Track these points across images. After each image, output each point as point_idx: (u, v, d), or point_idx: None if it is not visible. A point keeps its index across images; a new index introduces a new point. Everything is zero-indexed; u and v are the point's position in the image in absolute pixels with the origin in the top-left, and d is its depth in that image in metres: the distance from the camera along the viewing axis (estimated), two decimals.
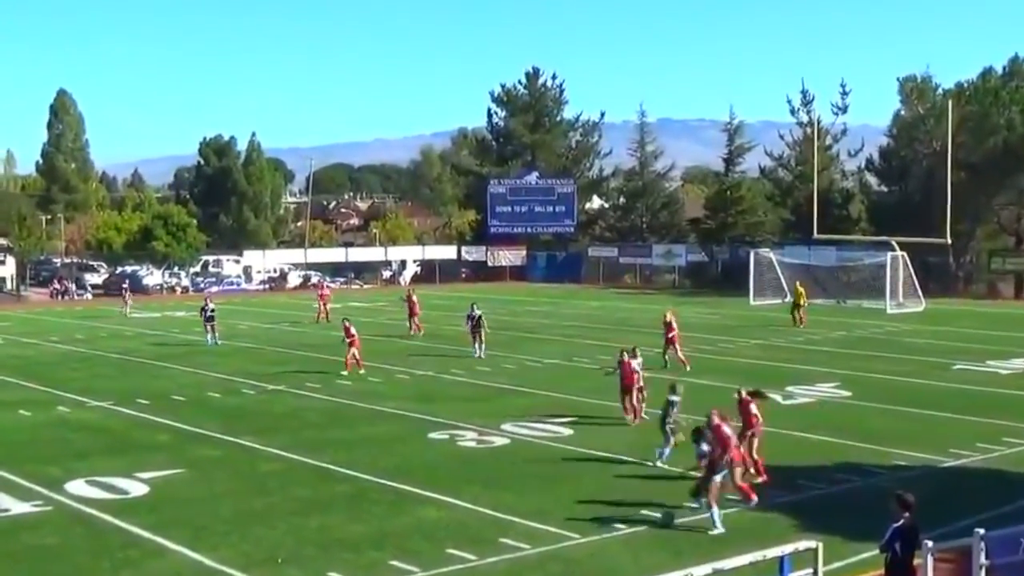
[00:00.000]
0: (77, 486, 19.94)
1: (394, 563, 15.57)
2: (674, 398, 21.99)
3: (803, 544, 12.59)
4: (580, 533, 16.97)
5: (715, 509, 17.17)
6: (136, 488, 19.93)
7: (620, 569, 15.58)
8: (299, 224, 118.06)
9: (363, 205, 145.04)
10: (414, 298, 46.60)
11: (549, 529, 17.16)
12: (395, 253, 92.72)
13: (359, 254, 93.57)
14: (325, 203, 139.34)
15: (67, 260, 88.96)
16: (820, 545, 12.44)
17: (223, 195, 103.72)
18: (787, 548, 12.38)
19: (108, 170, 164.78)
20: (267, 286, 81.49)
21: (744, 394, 20.81)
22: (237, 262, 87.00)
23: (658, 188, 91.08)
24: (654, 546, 16.44)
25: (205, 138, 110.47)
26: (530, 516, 17.78)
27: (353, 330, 34.92)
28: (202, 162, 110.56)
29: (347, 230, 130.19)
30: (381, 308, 58.47)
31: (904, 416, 26.83)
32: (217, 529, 17.36)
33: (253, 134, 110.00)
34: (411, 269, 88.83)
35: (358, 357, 34.55)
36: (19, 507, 18.72)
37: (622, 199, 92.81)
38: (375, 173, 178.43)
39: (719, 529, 16.92)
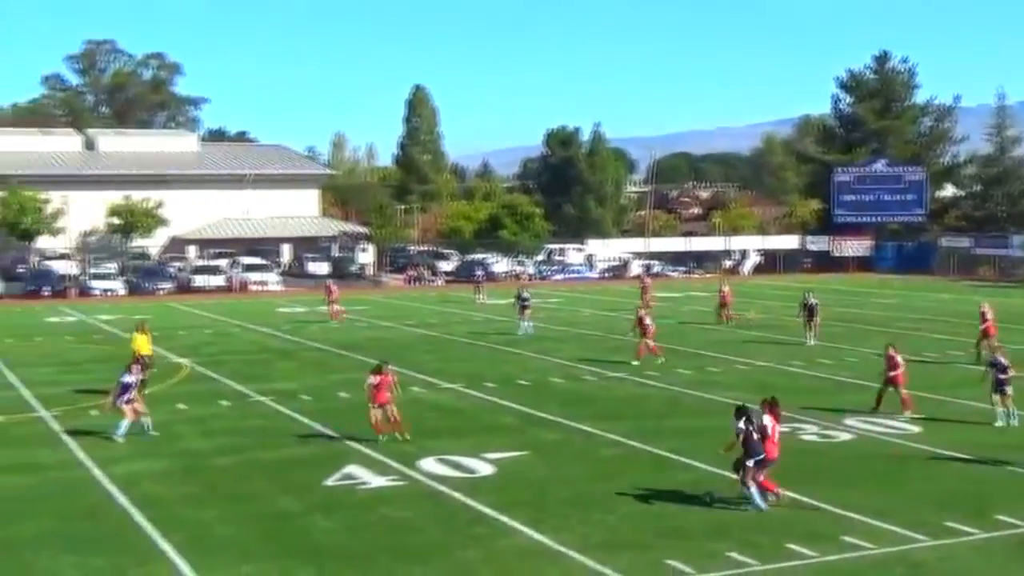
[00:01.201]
0: (429, 463, 20.90)
1: (732, 555, 15.45)
2: (999, 360, 24.36)
3: None
4: (928, 535, 16.26)
5: (753, 490, 17.56)
6: (483, 468, 20.67)
7: None
8: (640, 213, 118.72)
9: (705, 194, 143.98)
10: (726, 289, 46.79)
11: (894, 529, 16.53)
12: (736, 243, 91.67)
13: (700, 243, 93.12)
14: (667, 192, 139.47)
15: (421, 248, 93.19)
16: None
17: (567, 185, 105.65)
18: None
19: (459, 161, 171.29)
20: (609, 274, 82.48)
21: None
22: (580, 250, 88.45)
23: (1019, 175, 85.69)
24: (1012, 554, 15.55)
25: (550, 129, 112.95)
26: (874, 515, 17.19)
27: (648, 321, 35.06)
28: (547, 152, 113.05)
29: (688, 219, 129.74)
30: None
31: None
32: (558, 511, 17.76)
33: (597, 124, 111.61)
34: (753, 259, 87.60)
35: (651, 346, 34.64)
36: (377, 480, 19.83)
37: (978, 187, 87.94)
38: (717, 162, 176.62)
39: (760, 507, 17.44)
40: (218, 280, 70.83)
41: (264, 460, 21.65)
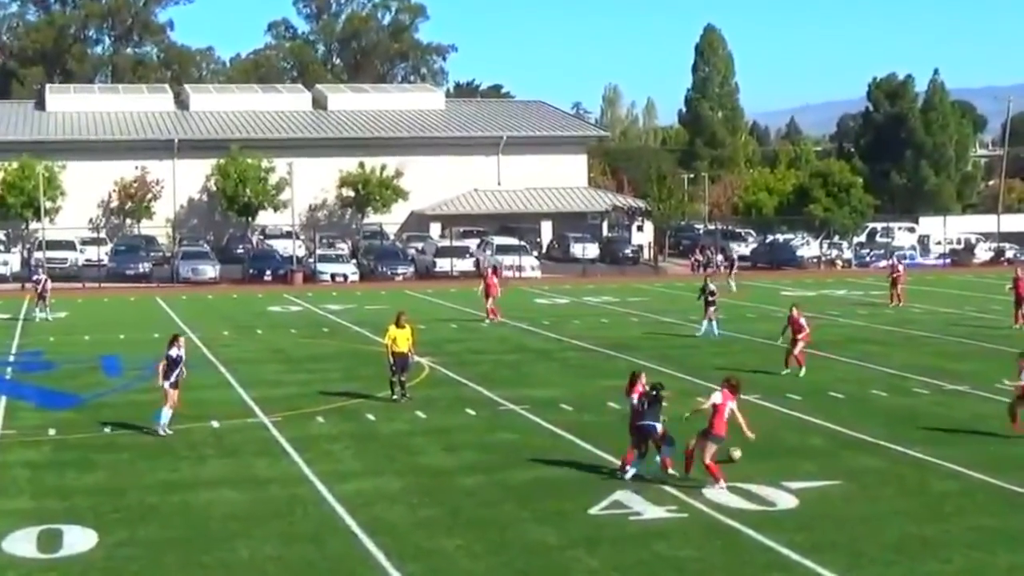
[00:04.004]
0: (715, 492, 20.81)
1: None
2: None
3: None
4: None
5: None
6: (783, 500, 20.45)
7: None
8: (992, 183, 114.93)
9: None
10: None
11: None
12: None
13: None
14: None
15: (711, 226, 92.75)
16: None
17: (895, 148, 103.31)
18: None
19: (759, 119, 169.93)
20: (947, 260, 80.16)
21: None
22: (911, 230, 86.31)
23: None
24: None
25: (875, 79, 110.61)
26: None
27: (803, 321, 34.20)
28: (871, 108, 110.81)
29: None
30: None
31: None
32: (879, 557, 17.42)
33: (935, 72, 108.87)
34: None
35: (795, 352, 33.76)
36: (652, 511, 19.89)
37: None
38: None
39: None
40: (465, 264, 72.40)
41: (517, 482, 22.03)
